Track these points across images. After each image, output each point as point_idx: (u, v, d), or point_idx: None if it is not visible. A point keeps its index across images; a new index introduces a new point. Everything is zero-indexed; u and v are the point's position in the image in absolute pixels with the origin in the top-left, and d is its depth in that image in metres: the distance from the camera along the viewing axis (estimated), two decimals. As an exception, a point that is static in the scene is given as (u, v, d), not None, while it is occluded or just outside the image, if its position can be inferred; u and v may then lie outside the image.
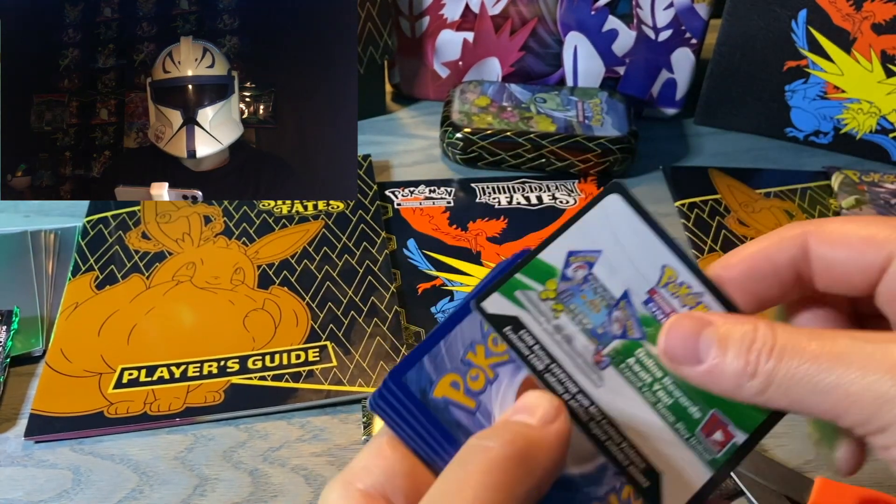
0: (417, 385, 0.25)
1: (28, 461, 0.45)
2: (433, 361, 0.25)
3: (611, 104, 0.69)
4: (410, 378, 0.25)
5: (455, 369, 0.25)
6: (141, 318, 0.52)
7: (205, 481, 0.44)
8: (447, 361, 0.25)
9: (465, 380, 0.25)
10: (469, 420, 0.25)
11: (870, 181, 0.66)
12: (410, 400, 0.25)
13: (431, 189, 0.66)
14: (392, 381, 0.25)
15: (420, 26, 0.72)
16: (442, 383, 0.25)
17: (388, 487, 0.24)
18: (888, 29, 0.64)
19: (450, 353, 0.25)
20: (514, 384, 0.25)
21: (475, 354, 0.25)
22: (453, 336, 0.25)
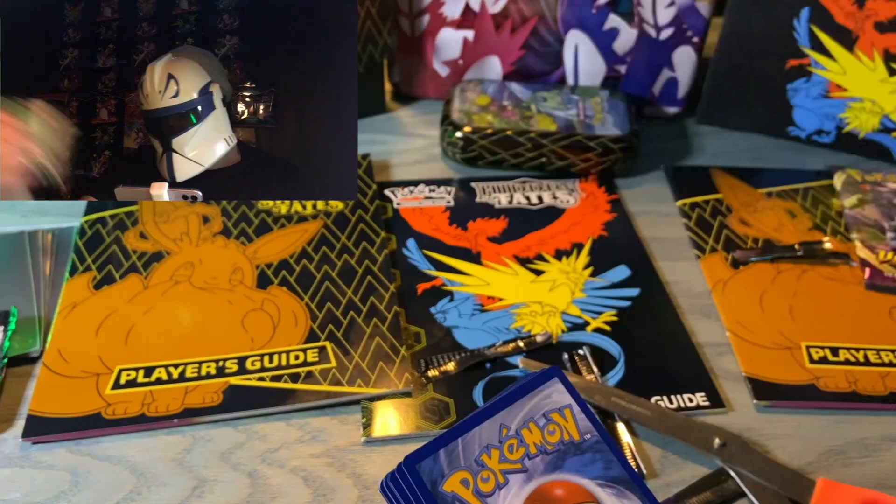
0: (430, 475, 0.26)
1: (25, 462, 0.45)
2: (449, 456, 0.26)
3: (612, 103, 0.69)
4: (424, 467, 0.26)
5: (468, 467, 0.26)
6: (139, 319, 0.52)
7: (203, 483, 0.44)
8: (462, 458, 0.26)
9: (475, 479, 0.26)
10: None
11: (872, 180, 0.65)
12: (420, 488, 0.25)
13: (431, 188, 0.65)
14: (406, 467, 0.26)
15: (420, 25, 0.72)
16: (453, 478, 0.26)
17: None
18: (891, 27, 0.63)
19: (466, 450, 0.26)
20: (521, 494, 0.26)
21: (489, 457, 0.26)
22: (472, 435, 0.26)
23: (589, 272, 0.58)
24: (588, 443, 0.27)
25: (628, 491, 0.26)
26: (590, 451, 0.27)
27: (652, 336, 0.53)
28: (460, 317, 0.54)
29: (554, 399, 0.28)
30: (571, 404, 0.28)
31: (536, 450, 0.26)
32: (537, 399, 0.27)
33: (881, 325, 0.54)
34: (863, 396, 0.49)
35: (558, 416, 0.27)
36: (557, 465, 0.26)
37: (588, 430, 0.27)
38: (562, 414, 0.27)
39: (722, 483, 0.44)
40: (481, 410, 0.27)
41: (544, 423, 0.27)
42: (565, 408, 0.28)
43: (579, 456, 0.27)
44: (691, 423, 0.46)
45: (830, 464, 0.45)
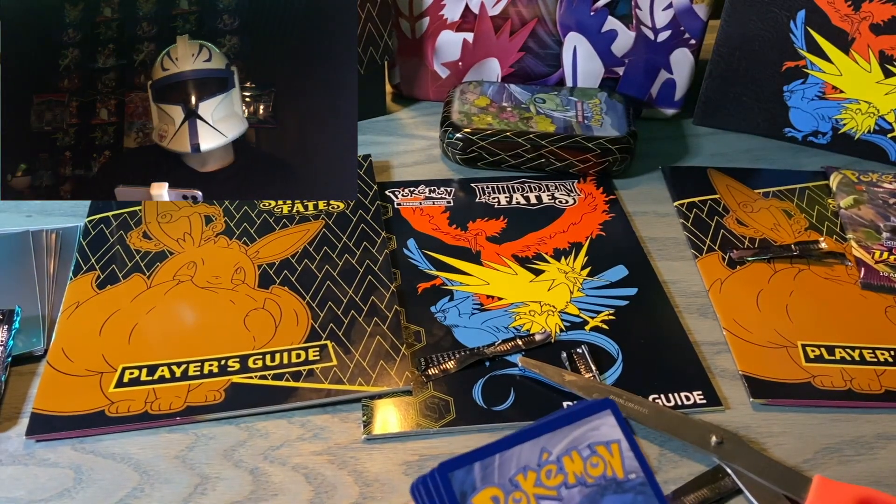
0: (461, 486, 0.25)
1: (29, 460, 0.45)
2: (483, 470, 0.25)
3: (610, 104, 0.69)
4: (457, 477, 0.25)
5: (501, 485, 0.25)
6: (142, 318, 0.52)
7: (205, 480, 0.44)
8: (496, 475, 0.25)
9: (506, 499, 0.25)
10: None
11: (868, 181, 0.66)
12: (449, 497, 0.25)
13: (431, 189, 0.66)
14: (439, 474, 0.25)
15: (420, 27, 0.72)
16: (484, 494, 0.25)
17: None
18: (886, 29, 0.64)
19: (502, 468, 0.25)
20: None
21: (525, 479, 0.25)
22: (511, 454, 0.26)
23: (587, 272, 0.58)
24: (632, 483, 0.26)
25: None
26: (632, 491, 0.26)
27: (649, 335, 0.53)
28: (460, 316, 0.54)
29: (603, 431, 0.27)
30: (621, 440, 0.27)
31: (575, 480, 0.25)
32: (585, 429, 0.27)
33: (876, 324, 0.54)
34: (858, 395, 0.49)
35: (604, 449, 0.26)
36: (594, 500, 0.25)
37: (634, 470, 0.26)
38: (608, 448, 0.26)
39: (719, 480, 0.44)
40: (524, 430, 0.26)
41: (588, 454, 0.26)
42: (613, 443, 0.27)
43: (620, 495, 0.26)
44: (688, 421, 0.46)
45: (826, 461, 0.46)
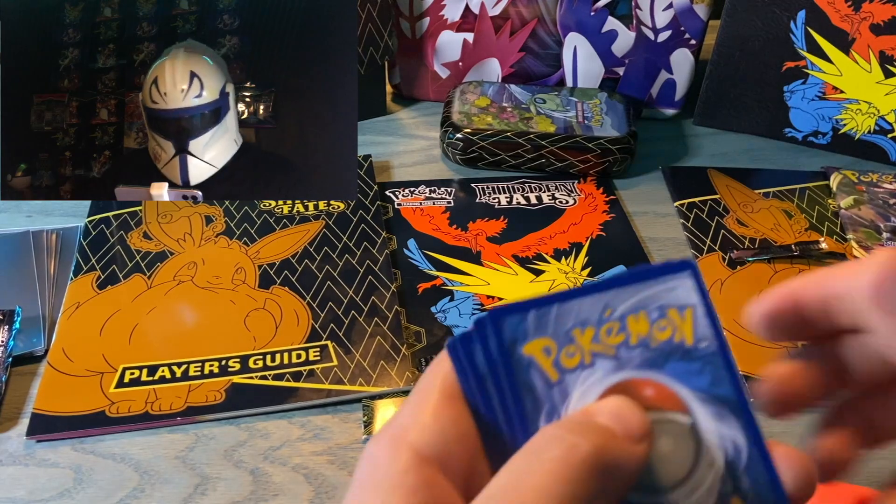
0: (512, 333, 0.23)
1: (30, 460, 0.45)
2: (538, 319, 0.23)
3: (610, 105, 0.69)
4: (509, 323, 0.23)
5: (555, 336, 0.23)
6: (142, 318, 0.52)
7: (206, 480, 0.44)
8: (551, 326, 0.23)
9: (559, 351, 0.23)
10: (544, 390, 0.23)
11: (868, 181, 0.66)
12: (498, 344, 0.23)
13: (431, 189, 0.66)
14: (491, 318, 0.23)
15: (420, 27, 0.72)
16: (536, 343, 0.23)
17: (443, 452, 0.22)
18: (887, 30, 0.64)
19: (558, 320, 0.23)
20: (605, 381, 0.23)
21: (582, 334, 0.23)
22: (569, 306, 0.23)
23: (587, 272, 0.58)
24: (701, 351, 0.23)
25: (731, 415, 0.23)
26: (700, 360, 0.23)
27: (650, 335, 0.53)
28: (460, 316, 0.54)
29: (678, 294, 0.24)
30: (696, 305, 0.24)
31: (637, 341, 0.23)
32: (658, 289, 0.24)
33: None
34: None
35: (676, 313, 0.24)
36: (657, 363, 0.23)
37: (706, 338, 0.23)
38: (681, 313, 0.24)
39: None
40: (589, 285, 0.23)
41: (657, 316, 0.23)
42: (688, 307, 0.24)
43: (686, 362, 0.23)
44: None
45: (826, 461, 0.46)
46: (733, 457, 0.23)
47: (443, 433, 0.22)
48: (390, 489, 0.21)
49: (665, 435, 0.23)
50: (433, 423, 0.22)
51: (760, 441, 0.24)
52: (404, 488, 0.21)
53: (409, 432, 0.22)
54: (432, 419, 0.22)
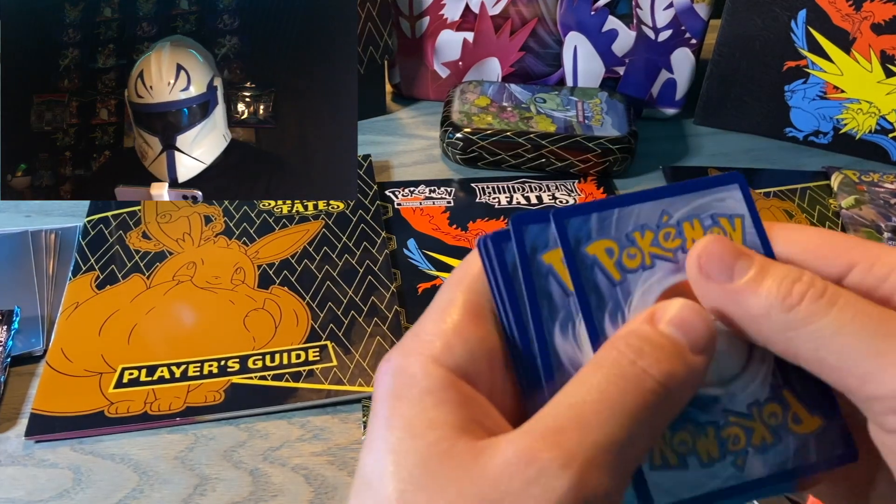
0: (575, 234, 0.24)
1: (28, 461, 0.45)
2: (600, 222, 0.24)
3: (610, 104, 0.69)
4: (573, 224, 0.24)
5: (617, 239, 0.24)
6: (141, 318, 0.52)
7: (205, 481, 0.44)
8: (613, 228, 0.24)
9: (621, 252, 0.24)
10: (608, 289, 0.24)
11: (869, 181, 0.66)
12: (564, 242, 0.24)
13: (431, 189, 0.66)
14: (554, 218, 0.24)
15: (420, 26, 0.72)
16: (599, 244, 0.24)
17: (473, 370, 0.22)
18: (888, 29, 0.64)
19: (619, 223, 0.24)
20: (665, 282, 0.24)
21: (642, 237, 0.24)
22: (629, 211, 0.24)
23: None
24: None
25: None
26: None
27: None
28: (460, 316, 0.54)
29: (728, 204, 0.25)
30: (745, 215, 0.25)
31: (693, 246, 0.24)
32: (710, 199, 0.25)
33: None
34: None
35: (727, 222, 0.25)
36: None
37: (755, 246, 0.25)
38: (731, 222, 0.25)
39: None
40: (646, 191, 0.24)
41: (710, 223, 0.25)
42: (737, 217, 0.25)
43: None
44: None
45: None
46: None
47: (471, 352, 0.22)
48: (436, 404, 0.21)
49: (721, 332, 0.24)
50: (459, 343, 0.22)
51: None
52: (447, 403, 0.21)
53: (439, 353, 0.22)
54: (457, 338, 0.22)
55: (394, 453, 0.20)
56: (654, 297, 0.24)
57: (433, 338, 0.22)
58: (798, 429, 0.24)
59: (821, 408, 0.24)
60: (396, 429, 0.20)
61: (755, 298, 0.22)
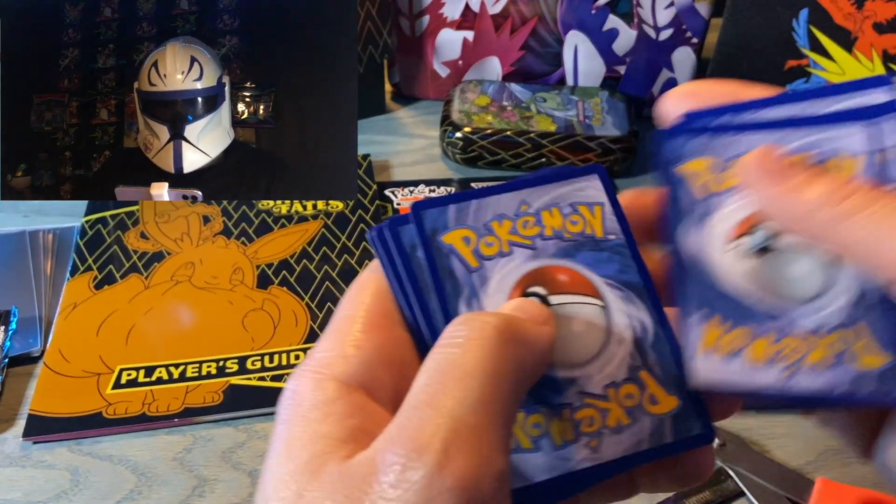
0: (432, 224, 0.25)
1: (26, 462, 0.45)
2: (458, 213, 0.25)
3: (611, 103, 0.69)
4: (429, 215, 0.25)
5: (474, 228, 0.25)
6: (139, 319, 0.52)
7: (203, 482, 0.44)
8: (470, 218, 0.25)
9: (478, 241, 0.25)
10: (464, 275, 0.25)
11: (871, 181, 0.66)
12: (420, 234, 0.25)
13: (431, 189, 0.66)
14: (413, 210, 0.25)
15: (420, 25, 0.72)
16: (455, 233, 0.25)
17: (368, 379, 0.22)
18: (890, 28, 0.64)
19: (477, 213, 0.25)
20: (522, 268, 0.25)
21: (500, 226, 0.25)
22: (487, 202, 0.25)
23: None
24: (610, 243, 0.26)
25: (637, 298, 0.25)
26: (609, 251, 0.26)
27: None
28: (460, 317, 0.54)
29: (588, 193, 0.26)
30: (605, 203, 0.27)
31: (552, 233, 0.25)
32: (569, 188, 0.26)
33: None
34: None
35: (587, 210, 0.26)
36: (570, 253, 0.25)
37: (614, 232, 0.26)
38: (591, 209, 0.26)
39: (721, 482, 0.44)
40: (505, 183, 0.26)
41: (569, 211, 0.26)
42: (597, 205, 0.26)
43: (596, 252, 0.26)
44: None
45: (829, 463, 0.46)
46: (640, 335, 0.25)
47: (366, 361, 0.22)
48: (321, 418, 0.21)
49: (578, 316, 0.25)
50: (356, 354, 0.22)
51: (665, 321, 0.25)
52: (335, 415, 0.21)
53: (331, 366, 0.22)
54: (354, 350, 0.22)
55: (272, 478, 0.20)
56: (512, 281, 0.25)
57: (326, 353, 0.22)
58: (654, 409, 0.24)
59: (678, 388, 0.25)
60: (277, 452, 0.21)
61: (811, 190, 0.22)
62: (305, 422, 0.21)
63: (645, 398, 0.24)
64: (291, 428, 0.21)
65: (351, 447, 0.20)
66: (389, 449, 0.19)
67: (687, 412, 0.24)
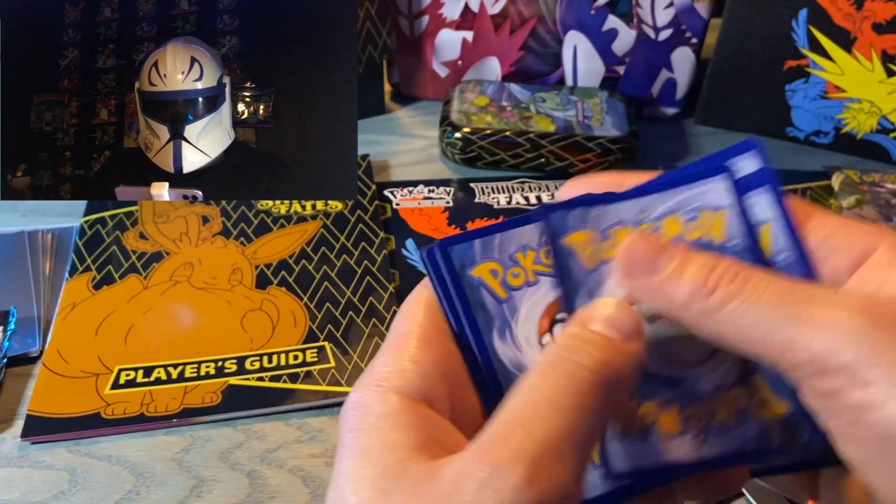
0: (460, 259, 0.26)
1: (24, 462, 0.45)
2: (483, 246, 0.26)
3: (610, 104, 0.69)
4: (456, 251, 0.26)
5: (500, 261, 0.26)
6: (138, 319, 0.52)
7: (202, 482, 0.44)
8: (496, 251, 0.26)
9: (505, 273, 0.26)
10: (494, 307, 0.26)
11: (870, 181, 0.66)
12: (448, 269, 0.26)
13: (430, 189, 0.66)
14: (439, 247, 0.26)
15: (419, 25, 0.72)
16: (483, 266, 0.26)
17: (428, 392, 0.23)
18: (889, 28, 0.64)
19: (502, 246, 0.26)
20: (550, 295, 0.26)
21: (524, 257, 0.26)
22: (510, 234, 0.26)
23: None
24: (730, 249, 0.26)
25: None
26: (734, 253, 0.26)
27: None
28: (459, 317, 0.54)
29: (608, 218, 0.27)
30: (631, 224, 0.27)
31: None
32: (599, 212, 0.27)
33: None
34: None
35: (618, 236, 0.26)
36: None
37: (737, 236, 0.26)
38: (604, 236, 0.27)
39: (719, 483, 0.44)
40: (523, 217, 0.26)
41: (602, 238, 0.27)
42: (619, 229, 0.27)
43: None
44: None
45: (828, 464, 0.45)
46: None
47: (424, 376, 0.23)
48: (392, 427, 0.21)
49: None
50: (414, 368, 0.23)
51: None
52: (404, 425, 0.21)
53: (392, 380, 0.23)
54: (412, 365, 0.23)
55: (352, 483, 0.21)
56: (540, 309, 0.26)
57: (386, 368, 0.23)
58: (762, 413, 0.25)
59: (790, 394, 0.25)
60: (353, 459, 0.21)
61: (678, 289, 0.23)
62: (378, 430, 0.22)
63: (753, 402, 0.25)
64: (364, 436, 0.22)
65: (426, 455, 0.21)
66: (479, 459, 0.20)
67: (797, 417, 0.24)
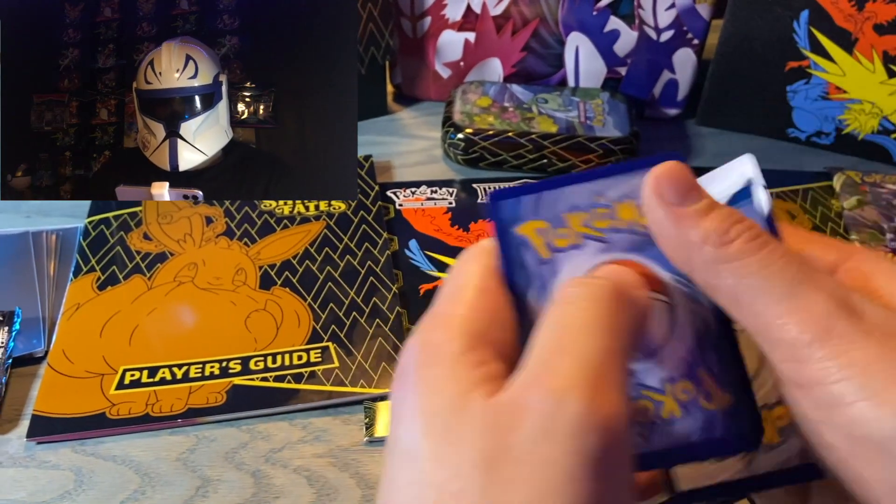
0: (508, 214, 0.25)
1: (30, 462, 0.45)
2: (532, 203, 0.25)
3: (612, 105, 0.69)
4: (503, 206, 0.25)
5: (548, 220, 0.25)
6: (143, 319, 0.52)
7: (207, 482, 0.44)
8: (543, 210, 0.25)
9: (552, 233, 0.25)
10: (535, 266, 0.25)
11: (872, 182, 0.66)
12: (498, 223, 0.25)
13: (433, 190, 0.66)
14: (490, 199, 0.25)
15: (421, 26, 0.72)
16: (529, 224, 0.25)
17: (485, 335, 0.23)
18: (890, 29, 0.64)
19: (552, 204, 0.25)
20: (593, 261, 0.25)
21: (573, 217, 0.25)
22: (559, 193, 0.25)
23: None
24: None
25: (703, 298, 0.25)
26: None
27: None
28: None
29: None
30: None
31: (627, 226, 0.25)
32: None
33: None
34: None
35: None
36: (641, 248, 0.25)
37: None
38: None
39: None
40: (581, 173, 0.25)
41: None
42: None
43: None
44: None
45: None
46: (703, 333, 0.25)
47: (482, 321, 0.23)
48: (455, 362, 0.22)
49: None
50: (472, 314, 0.23)
51: (727, 321, 0.25)
52: (467, 363, 0.22)
53: (455, 321, 0.23)
54: (471, 311, 0.23)
55: (423, 414, 0.21)
56: (580, 273, 0.25)
57: (450, 312, 0.23)
58: (708, 405, 0.25)
59: (733, 387, 0.25)
60: (423, 393, 0.22)
61: (696, 227, 0.23)
62: (443, 364, 0.22)
63: (700, 394, 0.25)
64: (431, 369, 0.22)
65: (488, 389, 0.21)
66: (533, 390, 0.20)
67: (740, 409, 0.25)
